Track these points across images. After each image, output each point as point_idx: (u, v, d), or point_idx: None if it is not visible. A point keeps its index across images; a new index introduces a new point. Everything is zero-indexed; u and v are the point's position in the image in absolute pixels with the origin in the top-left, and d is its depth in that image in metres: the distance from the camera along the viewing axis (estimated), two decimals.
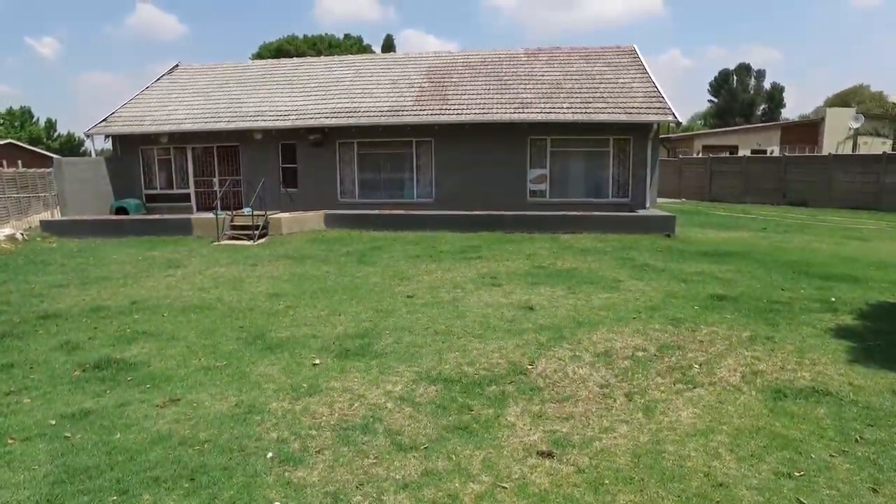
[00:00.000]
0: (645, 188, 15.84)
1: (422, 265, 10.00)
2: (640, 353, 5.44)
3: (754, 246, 11.87)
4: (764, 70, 67.34)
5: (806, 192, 22.97)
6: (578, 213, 14.21)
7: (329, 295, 7.97)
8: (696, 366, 5.14)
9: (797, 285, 8.15)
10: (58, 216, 17.15)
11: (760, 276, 8.77)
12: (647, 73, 17.27)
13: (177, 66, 21.81)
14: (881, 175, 20.41)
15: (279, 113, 17.25)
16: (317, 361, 5.37)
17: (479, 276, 9.00)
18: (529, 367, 5.15)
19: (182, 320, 6.85)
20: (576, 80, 17.29)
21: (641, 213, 14.80)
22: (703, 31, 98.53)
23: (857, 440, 3.85)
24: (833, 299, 7.30)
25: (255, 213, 14.21)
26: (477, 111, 16.08)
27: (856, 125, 30.63)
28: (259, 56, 45.44)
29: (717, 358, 5.31)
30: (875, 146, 30.34)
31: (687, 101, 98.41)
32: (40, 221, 15.83)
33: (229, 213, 14.72)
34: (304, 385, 4.83)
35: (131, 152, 18.08)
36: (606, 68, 17.87)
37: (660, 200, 19.04)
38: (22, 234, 14.22)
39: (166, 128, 17.28)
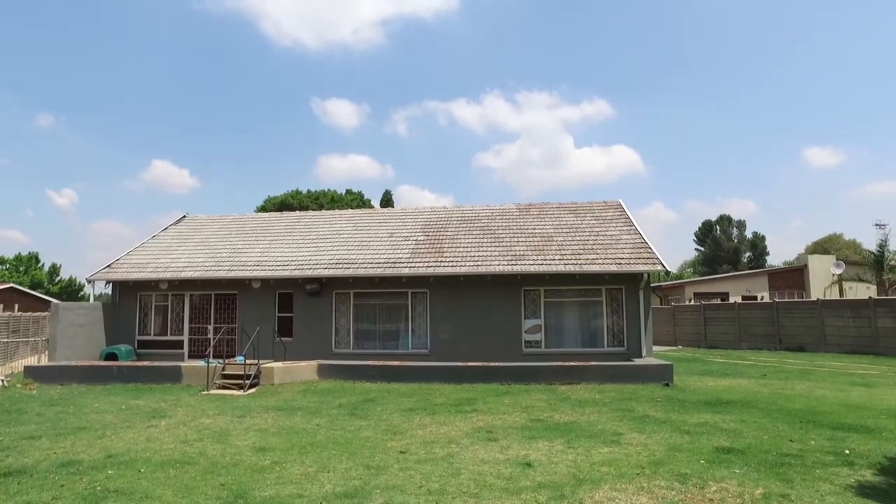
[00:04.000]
0: (640, 337, 15.84)
1: (416, 418, 9.66)
2: None
3: (756, 394, 11.60)
4: (744, 220, 70.79)
5: (801, 337, 23.03)
6: (575, 364, 14.03)
7: (318, 450, 7.59)
8: None
9: (807, 436, 7.85)
10: (45, 361, 16.82)
11: (766, 427, 8.47)
12: (633, 225, 18.15)
13: (184, 216, 22.85)
14: (872, 319, 20.60)
15: (278, 263, 17.73)
16: None
17: (474, 430, 8.66)
18: None
19: (160, 476, 6.43)
20: (566, 233, 18.09)
21: (638, 362, 14.64)
22: (682, 186, 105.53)
23: None
24: (847, 452, 6.98)
25: (248, 362, 14.00)
26: (471, 264, 16.54)
27: (838, 271, 31.55)
28: (263, 209, 47.76)
29: None
30: (860, 291, 30.96)
31: (674, 250, 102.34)
32: (24, 367, 15.48)
33: (221, 361, 14.49)
34: None
35: (130, 298, 18.25)
36: (595, 221, 18.80)
37: (655, 348, 18.97)
38: (2, 381, 13.83)
39: (167, 275, 17.63)
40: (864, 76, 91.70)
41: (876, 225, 32.53)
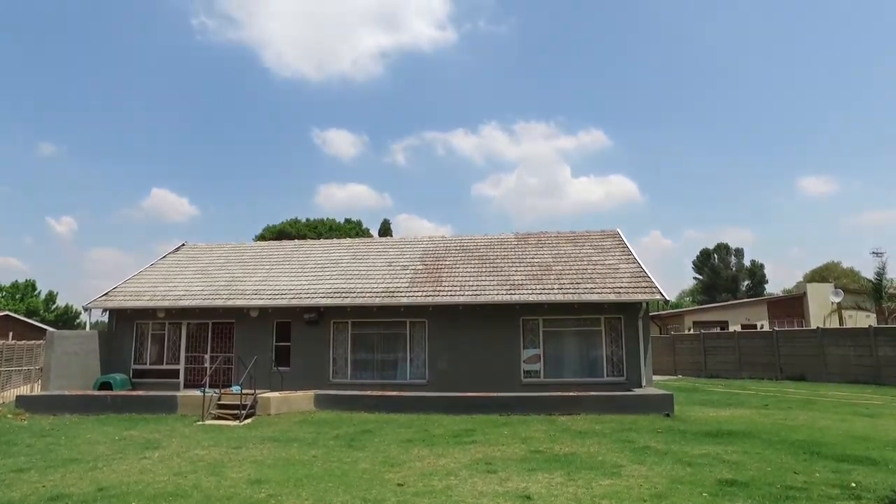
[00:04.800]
0: (640, 366, 15.72)
1: (414, 450, 9.52)
2: None
3: (758, 424, 11.47)
4: (742, 248, 70.79)
5: (802, 366, 22.85)
6: (574, 394, 13.91)
7: (315, 482, 7.45)
8: None
9: (811, 468, 7.72)
10: (38, 391, 16.61)
11: (770, 458, 8.34)
12: (631, 254, 18.16)
13: (183, 245, 22.86)
14: (873, 348, 20.45)
15: (277, 292, 17.67)
16: None
17: (473, 461, 8.52)
18: None
19: None
20: (565, 262, 18.09)
21: (638, 392, 14.52)
22: (679, 215, 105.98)
23: None
24: (853, 485, 6.85)
25: (244, 391, 13.85)
26: (470, 293, 16.49)
27: (836, 299, 31.47)
28: (262, 237, 47.77)
29: None
30: (860, 319, 30.84)
31: (672, 279, 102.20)
32: (16, 397, 15.27)
33: (217, 391, 14.33)
34: None
35: (126, 326, 18.12)
36: (593, 251, 18.82)
37: (655, 378, 18.81)
38: None
39: (164, 303, 17.55)
40: (856, 107, 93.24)
41: (873, 253, 32.55)
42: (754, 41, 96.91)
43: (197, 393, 14.26)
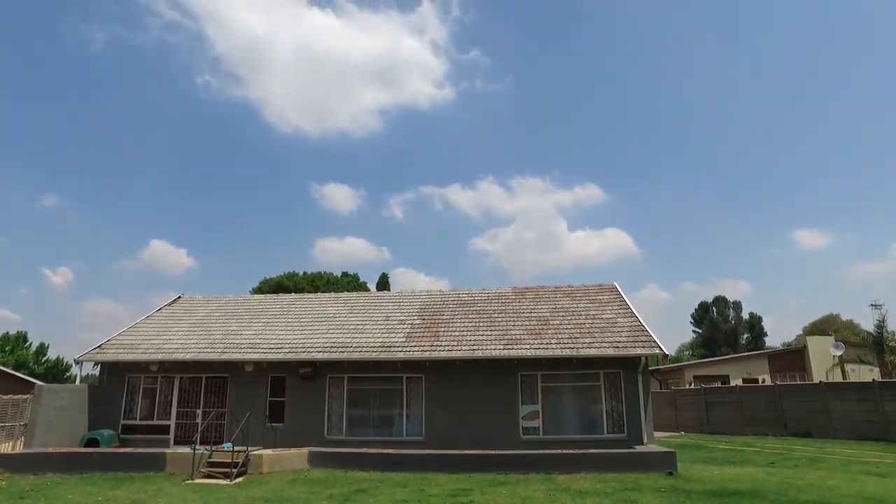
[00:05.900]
0: (640, 422, 15.40)
1: None
2: None
3: (765, 483, 11.12)
4: (740, 301, 70.64)
5: (807, 422, 22.41)
6: (574, 452, 13.52)
7: None
8: None
9: None
10: (20, 448, 16.10)
11: None
12: (629, 308, 18.10)
13: (179, 297, 22.74)
14: (879, 403, 20.04)
15: (272, 345, 17.47)
16: None
17: None
18: None
19: None
20: (562, 316, 17.99)
21: (639, 449, 14.15)
22: (675, 268, 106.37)
23: None
24: None
25: (236, 449, 13.47)
26: (467, 348, 16.29)
27: (838, 353, 31.20)
28: (259, 290, 47.57)
29: None
30: (862, 373, 30.48)
31: (671, 332, 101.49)
32: None
33: (208, 448, 13.94)
34: None
35: (117, 380, 17.76)
36: (591, 305, 18.76)
37: (657, 434, 18.43)
38: None
39: (158, 356, 17.29)
40: (846, 162, 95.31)
41: (872, 305, 32.53)
42: (747, 97, 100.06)
43: (187, 450, 13.86)
